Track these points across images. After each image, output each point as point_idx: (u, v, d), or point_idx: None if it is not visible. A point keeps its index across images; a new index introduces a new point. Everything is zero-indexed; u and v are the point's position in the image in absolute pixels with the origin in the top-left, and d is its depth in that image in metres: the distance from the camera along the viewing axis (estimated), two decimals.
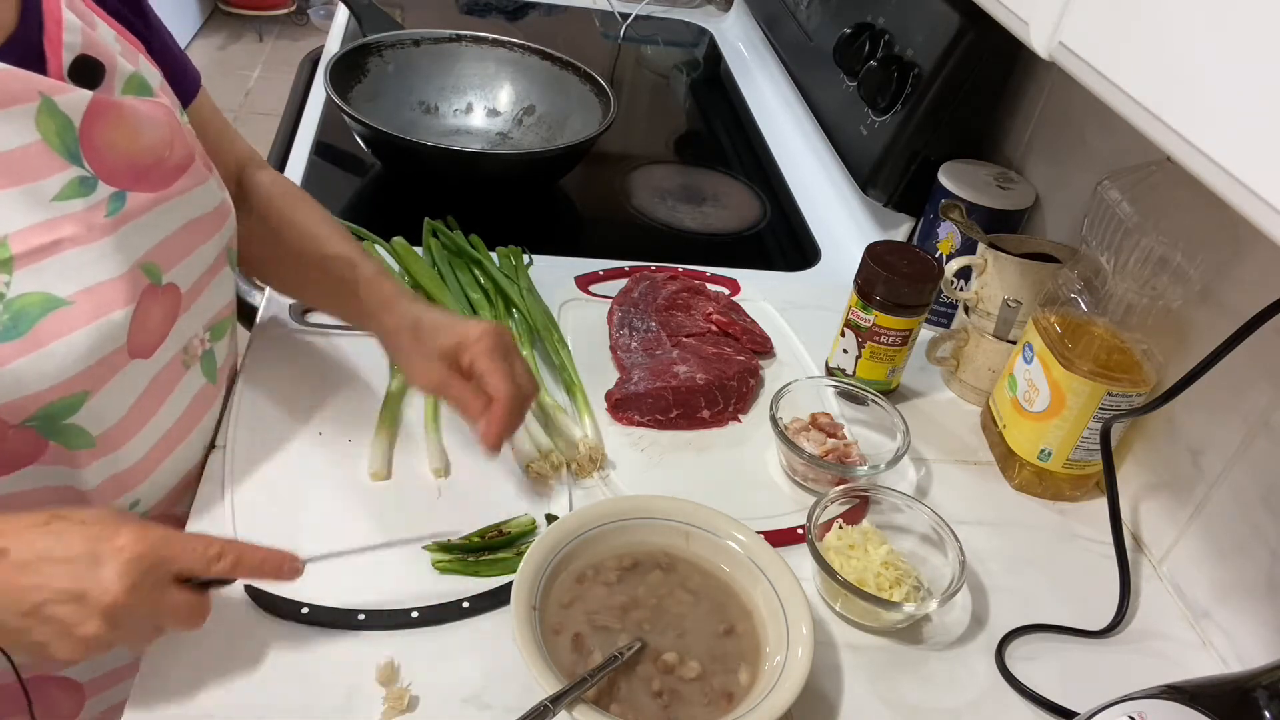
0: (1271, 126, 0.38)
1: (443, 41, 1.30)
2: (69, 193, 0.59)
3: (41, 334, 0.57)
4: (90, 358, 0.60)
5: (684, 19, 1.86)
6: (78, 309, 0.59)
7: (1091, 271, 0.83)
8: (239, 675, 0.63)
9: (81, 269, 0.59)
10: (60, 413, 0.60)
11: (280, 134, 1.32)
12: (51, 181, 0.58)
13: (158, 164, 0.65)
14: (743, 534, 0.70)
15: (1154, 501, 0.84)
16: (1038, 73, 1.03)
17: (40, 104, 0.57)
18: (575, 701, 0.57)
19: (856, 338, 0.92)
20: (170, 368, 0.69)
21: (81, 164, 0.59)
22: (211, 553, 0.58)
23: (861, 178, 1.12)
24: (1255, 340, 0.66)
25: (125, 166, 0.62)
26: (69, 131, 0.59)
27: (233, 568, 0.58)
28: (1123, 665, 0.74)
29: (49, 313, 0.57)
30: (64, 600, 0.53)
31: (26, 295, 0.57)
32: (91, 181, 0.60)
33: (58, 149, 0.58)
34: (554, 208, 1.24)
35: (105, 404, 0.63)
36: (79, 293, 0.59)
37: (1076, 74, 0.51)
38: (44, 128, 0.57)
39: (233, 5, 3.95)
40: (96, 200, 0.60)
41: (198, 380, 0.73)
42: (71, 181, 0.59)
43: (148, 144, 0.64)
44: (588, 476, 0.81)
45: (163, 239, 0.65)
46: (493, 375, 0.71)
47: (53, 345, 0.57)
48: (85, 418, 0.62)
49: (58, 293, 0.58)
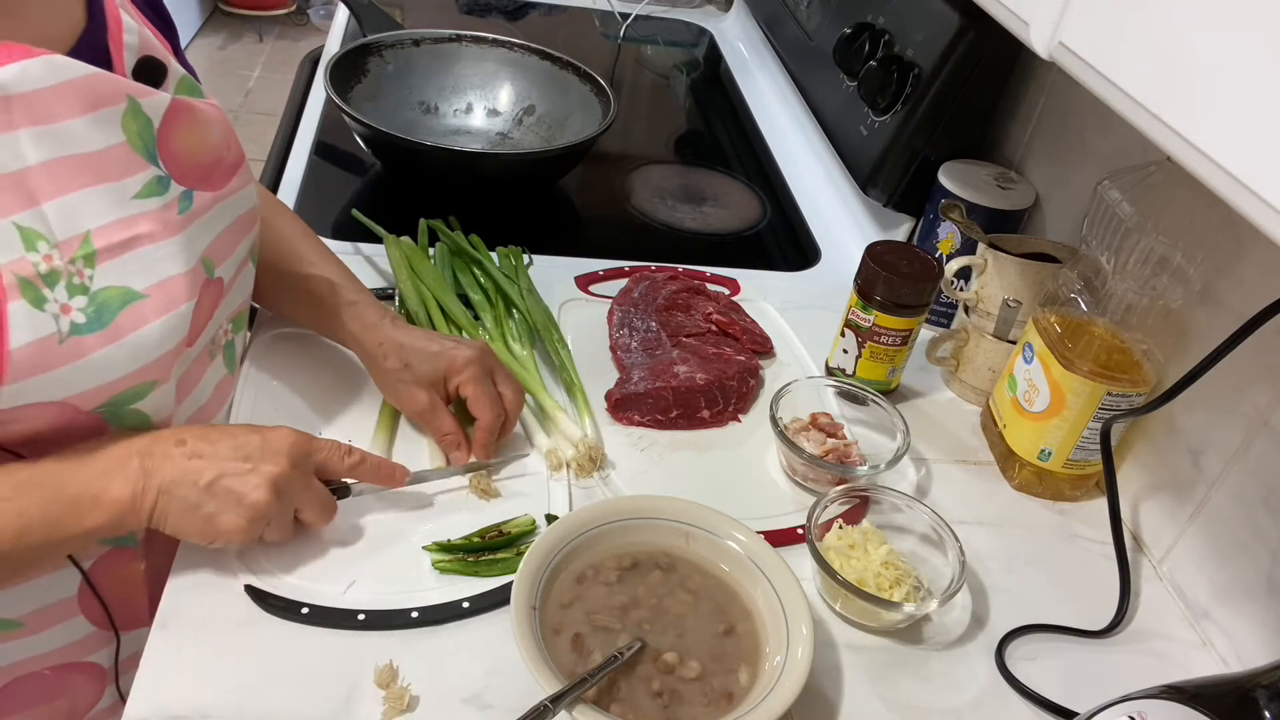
0: (1271, 126, 0.38)
1: (443, 41, 1.30)
2: (148, 191, 0.61)
3: (121, 325, 0.60)
4: (160, 349, 0.62)
5: (684, 19, 1.86)
6: (152, 302, 0.61)
7: (1091, 271, 0.83)
8: (239, 675, 0.63)
9: (155, 264, 0.62)
10: (128, 399, 0.63)
11: (280, 134, 1.32)
12: (132, 180, 0.61)
13: (218, 163, 0.67)
14: (743, 534, 0.70)
15: (1154, 501, 0.84)
16: (1038, 73, 1.03)
17: (127, 106, 0.59)
18: (575, 701, 0.57)
19: (856, 338, 0.92)
20: (201, 357, 0.71)
21: (158, 164, 0.62)
22: (344, 450, 0.70)
23: (861, 178, 1.12)
24: (1255, 340, 0.66)
25: (193, 166, 0.65)
26: (149, 132, 0.61)
27: (358, 465, 0.70)
28: (1123, 665, 0.74)
29: (127, 305, 0.60)
30: (236, 474, 0.63)
31: (108, 289, 0.59)
32: (166, 180, 0.63)
33: (138, 149, 0.61)
34: (554, 208, 1.24)
35: (165, 392, 0.65)
36: (153, 286, 0.62)
37: (1076, 74, 0.51)
38: (128, 129, 0.60)
39: (233, 5, 3.95)
40: (170, 199, 0.63)
41: (220, 370, 0.75)
42: (150, 181, 0.62)
43: (212, 144, 0.66)
44: (588, 476, 0.81)
45: (217, 235, 0.68)
46: (478, 401, 0.77)
47: (130, 336, 0.60)
48: (149, 404, 0.64)
49: (135, 286, 0.61)
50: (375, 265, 1.02)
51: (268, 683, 0.63)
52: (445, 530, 0.74)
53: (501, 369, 0.81)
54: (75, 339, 0.58)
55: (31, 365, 0.56)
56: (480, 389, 0.77)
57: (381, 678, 0.63)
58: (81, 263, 0.58)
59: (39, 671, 0.72)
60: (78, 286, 0.58)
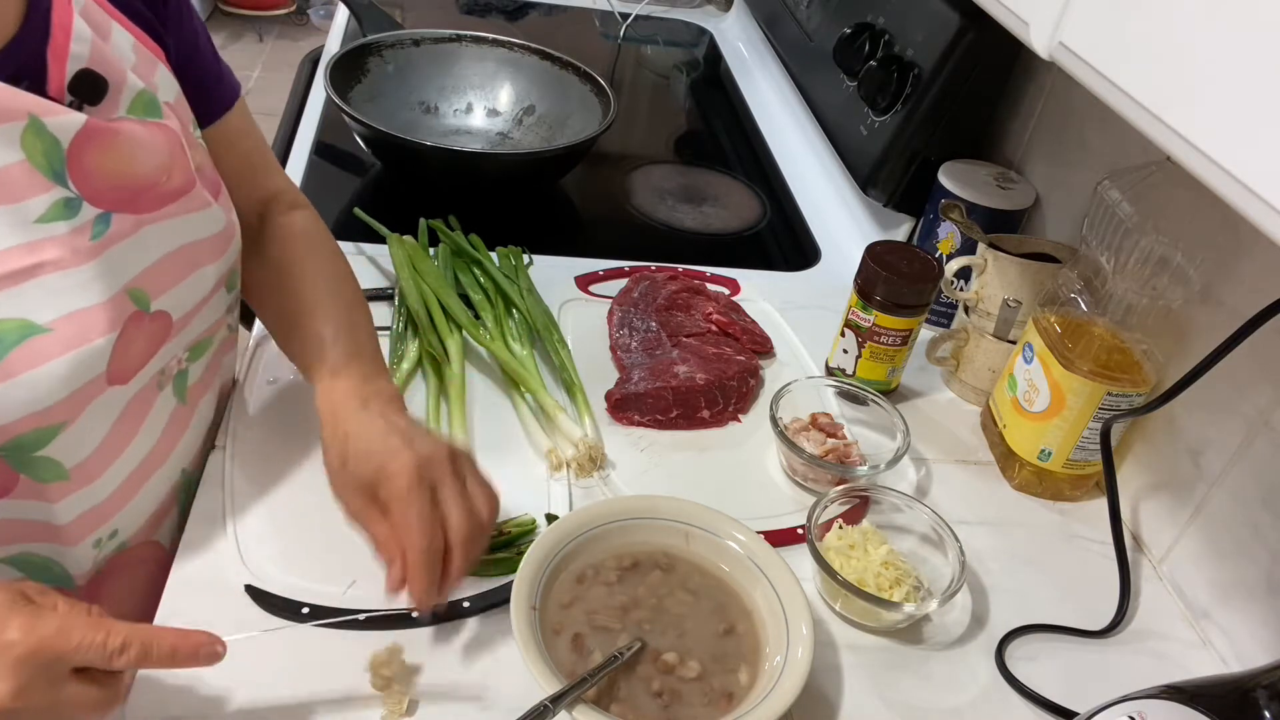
0: (1271, 127, 0.38)
1: (443, 41, 1.30)
2: (53, 214, 0.56)
3: (15, 362, 0.54)
4: (67, 387, 0.57)
5: (684, 19, 1.86)
6: (56, 336, 0.56)
7: (1091, 271, 0.83)
8: (238, 676, 0.63)
9: (62, 294, 0.56)
10: (32, 444, 0.57)
11: (280, 134, 1.32)
12: (35, 203, 0.55)
13: (150, 188, 0.62)
14: (743, 534, 0.70)
15: (1154, 501, 0.84)
16: (1038, 73, 1.03)
17: (27, 124, 0.54)
18: (575, 701, 0.57)
19: (856, 338, 0.92)
20: (144, 392, 0.65)
21: (67, 185, 0.57)
22: (114, 644, 0.51)
23: (861, 178, 1.12)
24: (1255, 340, 0.66)
25: (113, 189, 0.59)
26: (56, 152, 0.56)
27: (140, 659, 0.52)
28: (1123, 665, 0.74)
29: (25, 339, 0.55)
30: None
31: (2, 322, 0.54)
32: (76, 203, 0.57)
33: (42, 169, 0.55)
34: (554, 208, 1.24)
35: (80, 435, 0.60)
36: (58, 319, 0.56)
37: (1076, 74, 0.51)
38: (29, 147, 0.55)
39: (233, 5, 3.95)
40: (81, 223, 0.57)
41: (170, 402, 0.69)
42: (56, 203, 0.56)
43: (142, 170, 0.61)
44: (587, 476, 0.81)
45: (153, 263, 0.63)
46: (402, 521, 0.62)
47: (27, 374, 0.55)
48: (58, 449, 0.59)
49: (36, 319, 0.55)
50: (378, 265, 1.02)
51: (268, 683, 0.63)
52: None
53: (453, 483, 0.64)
54: None
55: None
56: (407, 508, 0.61)
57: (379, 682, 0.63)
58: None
59: None
60: None
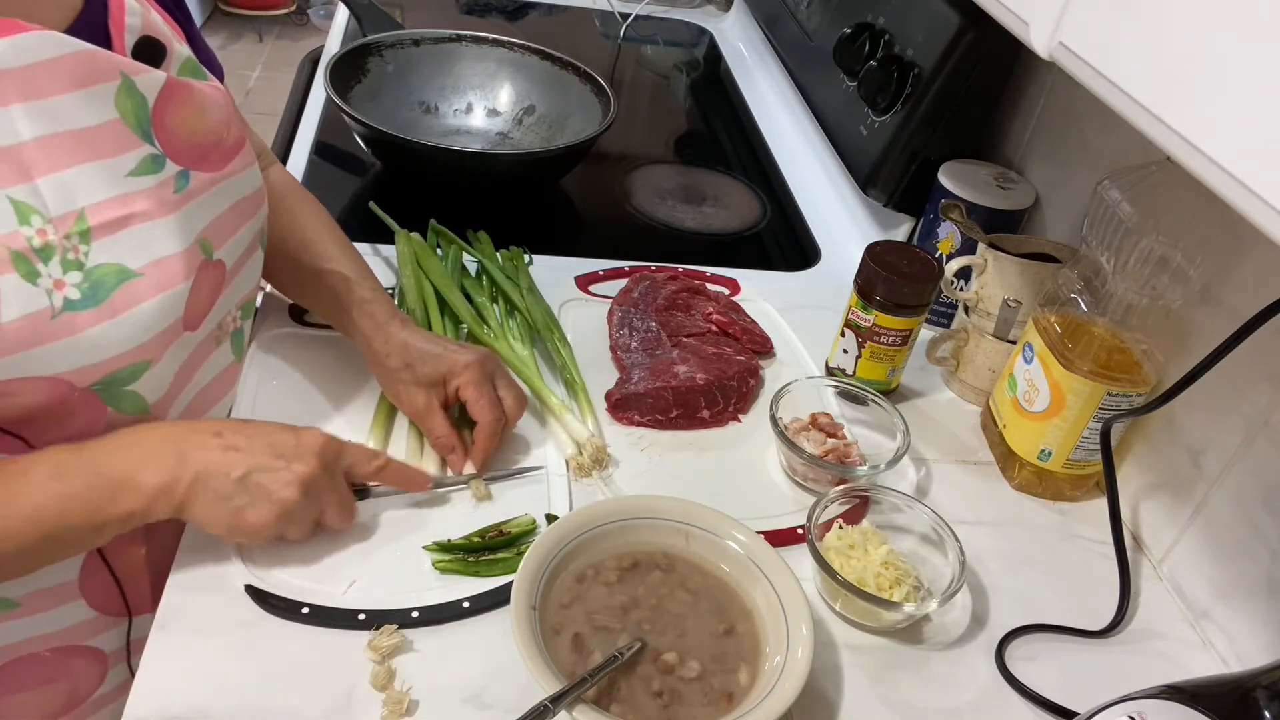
0: (1271, 126, 0.38)
1: (443, 41, 1.30)
2: (142, 169, 0.61)
3: (117, 303, 0.60)
4: (155, 328, 0.62)
5: (684, 19, 1.86)
6: (147, 280, 0.61)
7: (1091, 271, 0.83)
8: (239, 675, 0.63)
9: (151, 242, 0.62)
10: (124, 379, 0.63)
11: (280, 134, 1.32)
12: (127, 158, 0.60)
13: (217, 144, 0.67)
14: (743, 534, 0.70)
15: (1154, 501, 0.84)
16: (1038, 73, 1.03)
17: (120, 83, 0.59)
18: (575, 701, 0.57)
19: (856, 338, 0.92)
20: (206, 342, 0.71)
21: (153, 142, 0.62)
22: (370, 455, 0.71)
23: (861, 178, 1.12)
24: (1255, 340, 0.66)
25: (189, 146, 0.65)
26: (144, 110, 0.61)
27: (384, 469, 0.71)
28: (1123, 665, 0.74)
29: (123, 283, 0.60)
30: (269, 470, 0.64)
31: (103, 266, 0.59)
32: (161, 159, 0.63)
33: (133, 127, 0.61)
34: (554, 208, 1.24)
35: (161, 374, 0.65)
36: (148, 265, 0.61)
37: (1076, 74, 0.51)
38: (122, 106, 0.60)
39: (233, 5, 3.95)
40: (165, 177, 0.63)
41: (226, 356, 0.75)
42: (144, 159, 0.61)
43: (210, 125, 0.66)
44: (587, 476, 0.81)
45: (215, 217, 0.68)
46: (477, 404, 0.78)
47: (125, 314, 0.60)
48: (144, 385, 0.64)
49: (130, 264, 0.61)
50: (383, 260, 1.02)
51: (268, 683, 0.63)
52: (445, 530, 0.74)
53: (504, 375, 0.81)
54: (69, 315, 0.58)
55: (23, 339, 0.56)
56: (479, 392, 0.77)
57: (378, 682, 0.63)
58: (76, 239, 0.58)
59: (38, 653, 0.72)
60: (72, 262, 0.58)
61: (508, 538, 0.74)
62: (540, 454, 0.83)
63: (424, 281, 0.94)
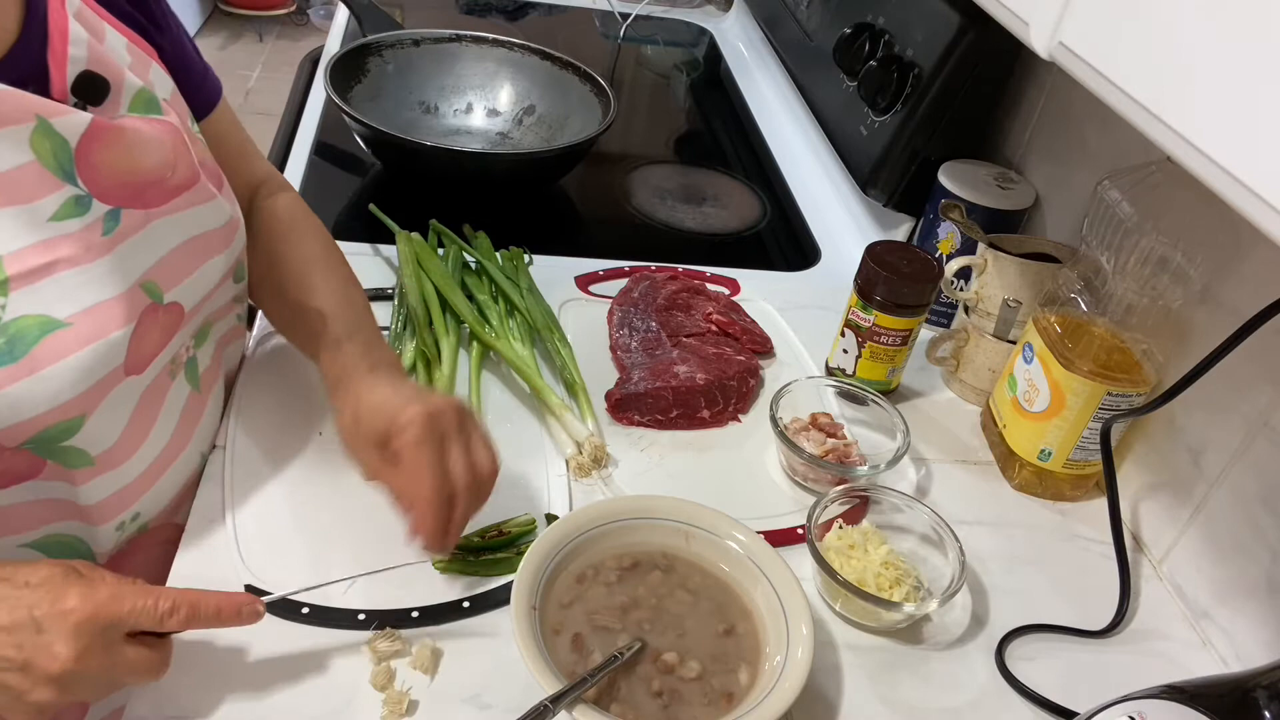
0: (1271, 127, 0.38)
1: (443, 41, 1.30)
2: (65, 212, 0.57)
3: (39, 357, 0.56)
4: (88, 380, 0.58)
5: (684, 19, 1.86)
6: (76, 330, 0.57)
7: (1091, 271, 0.83)
8: (238, 676, 0.63)
9: (79, 289, 0.58)
10: (57, 436, 0.59)
11: (280, 134, 1.32)
12: (47, 202, 0.56)
13: (157, 183, 0.63)
14: (743, 534, 0.70)
15: (1154, 501, 0.84)
16: (1038, 73, 1.03)
17: (35, 125, 0.55)
18: (575, 701, 0.57)
19: (856, 338, 0.92)
20: (159, 381, 0.67)
21: (76, 183, 0.58)
22: (164, 607, 0.56)
23: (861, 178, 1.12)
24: (1255, 340, 0.66)
25: (120, 185, 0.60)
26: (64, 151, 0.57)
27: (187, 621, 0.57)
28: (1123, 665, 0.74)
29: (47, 334, 0.56)
30: (10, 669, 0.52)
31: (23, 318, 0.55)
32: (87, 200, 0.58)
33: (52, 169, 0.57)
34: (554, 208, 1.24)
35: (102, 424, 0.61)
36: (77, 314, 0.57)
37: (1076, 74, 0.51)
38: (39, 148, 0.56)
39: (233, 5, 3.95)
40: (92, 219, 0.59)
41: (183, 389, 0.71)
42: (67, 201, 0.57)
43: (148, 165, 0.62)
44: (588, 476, 0.81)
45: (163, 256, 0.64)
46: (415, 469, 0.63)
47: (50, 369, 0.56)
48: (83, 439, 0.60)
49: (55, 314, 0.56)
50: (384, 260, 1.02)
51: (268, 683, 0.63)
52: None
53: (460, 436, 0.65)
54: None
55: None
56: (417, 456, 0.63)
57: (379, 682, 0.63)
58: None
59: None
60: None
61: (508, 538, 0.74)
62: (529, 452, 0.83)
63: (425, 282, 0.94)
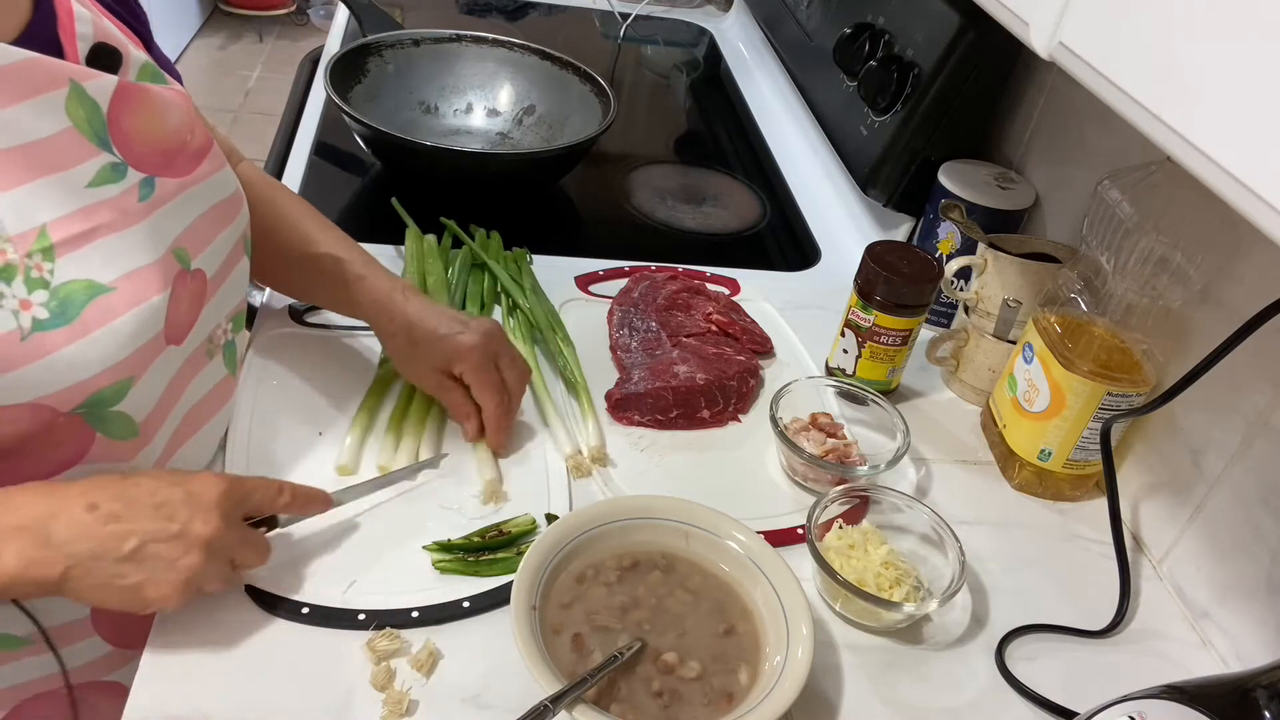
0: (1271, 127, 0.38)
1: (443, 41, 1.30)
2: (102, 179, 0.59)
3: (89, 320, 0.57)
4: (134, 343, 0.60)
5: (684, 19, 1.86)
6: (120, 295, 0.59)
7: (1091, 271, 0.83)
8: (239, 675, 0.63)
9: (120, 255, 0.59)
10: (108, 399, 0.60)
11: (280, 134, 1.32)
12: (84, 168, 0.58)
13: (181, 149, 0.65)
14: (743, 534, 0.70)
15: (1154, 501, 0.84)
16: (1038, 73, 1.03)
17: (69, 90, 0.57)
18: (575, 701, 0.57)
19: (856, 338, 0.92)
20: (195, 356, 0.69)
21: (111, 150, 0.59)
22: (274, 489, 0.66)
23: (861, 178, 1.12)
24: (1255, 340, 0.66)
25: (151, 152, 0.62)
26: (98, 117, 0.58)
27: (290, 503, 0.67)
28: (1123, 665, 0.74)
29: (93, 299, 0.58)
30: (162, 538, 0.58)
31: (71, 282, 0.57)
32: (122, 167, 0.60)
33: (88, 135, 0.58)
34: (554, 208, 1.24)
35: (145, 391, 0.63)
36: (120, 278, 0.59)
37: (1076, 74, 0.51)
38: (73, 114, 0.57)
39: (233, 5, 3.95)
40: (128, 186, 0.60)
41: (219, 370, 0.74)
42: (103, 168, 0.59)
43: (171, 129, 0.64)
44: (587, 476, 0.81)
45: (189, 225, 0.66)
46: (480, 390, 0.79)
47: (99, 331, 0.58)
48: (130, 404, 0.62)
49: (100, 279, 0.58)
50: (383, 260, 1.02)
51: (268, 683, 0.63)
52: (445, 530, 0.74)
53: (507, 351, 0.81)
54: (39, 335, 0.55)
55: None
56: (481, 378, 0.79)
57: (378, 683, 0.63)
58: (39, 256, 0.55)
59: (55, 690, 0.70)
60: (37, 281, 0.55)
61: (508, 538, 0.74)
62: (529, 452, 0.83)
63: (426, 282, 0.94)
